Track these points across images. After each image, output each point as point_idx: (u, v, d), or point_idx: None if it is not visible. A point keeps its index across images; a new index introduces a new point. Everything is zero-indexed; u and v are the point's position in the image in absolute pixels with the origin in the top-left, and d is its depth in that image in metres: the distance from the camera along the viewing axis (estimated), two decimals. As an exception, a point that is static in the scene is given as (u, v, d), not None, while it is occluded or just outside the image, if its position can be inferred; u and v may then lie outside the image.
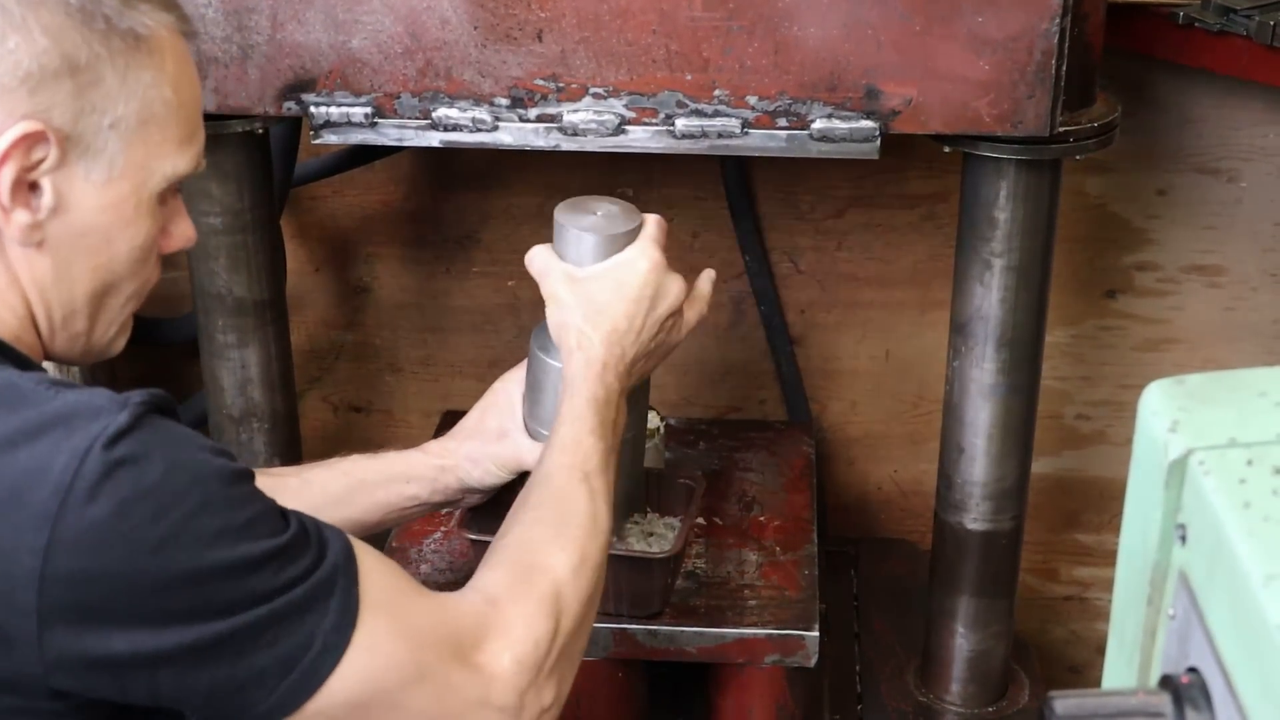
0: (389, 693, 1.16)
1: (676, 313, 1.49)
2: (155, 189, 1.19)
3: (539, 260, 1.50)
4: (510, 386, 1.57)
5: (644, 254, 1.46)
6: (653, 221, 1.50)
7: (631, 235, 1.48)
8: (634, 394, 1.52)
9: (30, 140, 1.10)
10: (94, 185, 1.15)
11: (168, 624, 1.07)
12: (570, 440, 1.39)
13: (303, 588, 1.12)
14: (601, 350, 1.43)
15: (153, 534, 1.05)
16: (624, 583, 1.70)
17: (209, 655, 1.09)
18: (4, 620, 1.04)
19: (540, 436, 1.51)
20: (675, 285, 1.48)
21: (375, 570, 1.18)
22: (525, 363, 1.56)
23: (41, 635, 1.04)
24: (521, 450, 1.54)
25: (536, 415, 1.53)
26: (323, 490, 1.54)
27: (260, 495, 1.13)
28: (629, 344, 1.45)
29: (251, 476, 1.14)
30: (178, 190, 1.25)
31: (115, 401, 1.07)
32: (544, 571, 1.29)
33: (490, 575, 1.29)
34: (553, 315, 1.46)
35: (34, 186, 1.12)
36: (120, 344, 1.27)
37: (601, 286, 1.45)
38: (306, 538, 1.14)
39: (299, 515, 1.15)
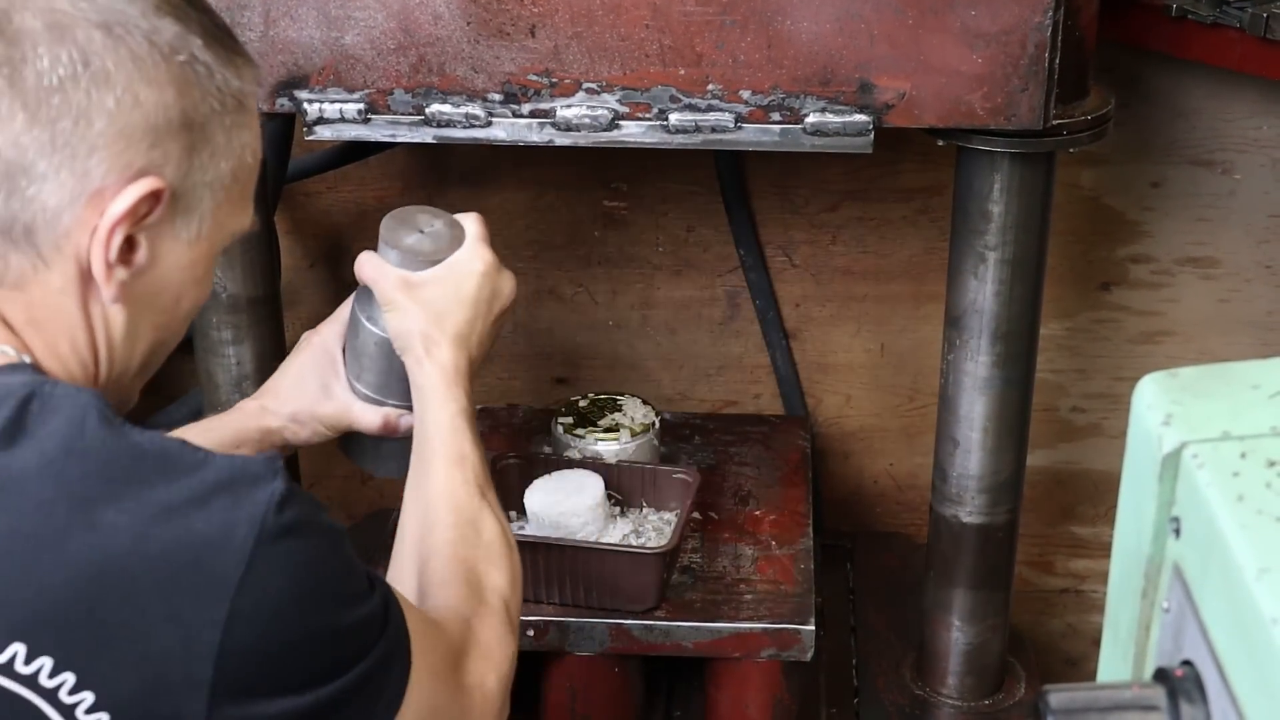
0: None
1: (509, 310, 1.48)
2: (223, 247, 1.18)
3: (369, 266, 1.46)
4: (327, 341, 1.54)
5: (476, 256, 1.44)
6: (474, 220, 1.47)
7: (457, 245, 1.46)
8: None
9: (151, 199, 1.08)
10: (182, 243, 1.12)
11: (311, 685, 1.06)
12: (456, 455, 1.37)
13: (385, 639, 1.12)
14: (452, 356, 1.41)
15: (315, 601, 1.05)
16: (620, 578, 1.71)
17: (328, 711, 1.08)
18: (176, 695, 1.01)
19: (367, 399, 1.51)
20: (508, 284, 1.47)
21: (405, 608, 1.19)
22: (336, 317, 1.55)
23: (210, 711, 1.01)
24: (352, 410, 1.51)
25: (363, 380, 1.51)
26: None
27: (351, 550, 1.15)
28: (474, 346, 1.43)
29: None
30: None
31: (266, 465, 1.05)
32: (495, 591, 1.32)
33: (448, 593, 1.30)
34: (394, 322, 1.43)
35: (130, 241, 1.09)
36: (136, 398, 1.25)
37: (440, 292, 1.43)
38: (378, 585, 1.15)
39: (362, 564, 1.16)
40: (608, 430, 1.91)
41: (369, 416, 1.50)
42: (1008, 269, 1.73)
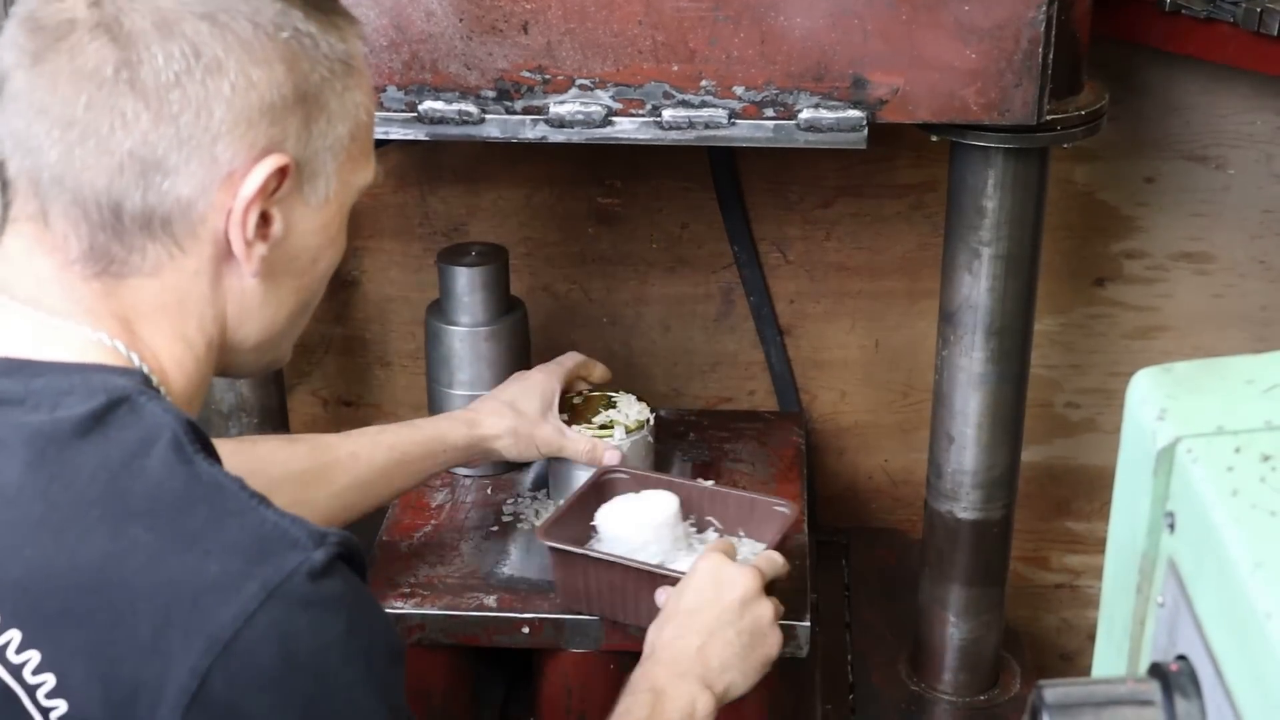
0: None
1: (763, 632, 1.51)
2: (351, 203, 1.20)
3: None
4: (550, 380, 1.81)
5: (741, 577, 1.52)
6: (765, 559, 1.57)
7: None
8: None
9: (278, 174, 1.09)
10: (312, 209, 1.14)
11: None
12: None
13: None
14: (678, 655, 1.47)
15: (308, 693, 0.98)
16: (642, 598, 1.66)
17: None
18: None
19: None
20: (766, 611, 1.51)
21: None
22: (557, 363, 1.86)
23: None
24: (564, 439, 1.80)
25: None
26: (369, 464, 1.67)
27: (403, 682, 1.07)
28: (710, 656, 1.48)
29: (404, 659, 1.08)
30: None
31: (313, 536, 1.01)
32: None
33: None
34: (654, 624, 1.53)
35: (264, 216, 1.11)
36: (290, 354, 1.28)
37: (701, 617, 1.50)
38: None
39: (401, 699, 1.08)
40: (603, 427, 1.91)
41: (579, 443, 1.81)
42: (1002, 264, 1.73)
